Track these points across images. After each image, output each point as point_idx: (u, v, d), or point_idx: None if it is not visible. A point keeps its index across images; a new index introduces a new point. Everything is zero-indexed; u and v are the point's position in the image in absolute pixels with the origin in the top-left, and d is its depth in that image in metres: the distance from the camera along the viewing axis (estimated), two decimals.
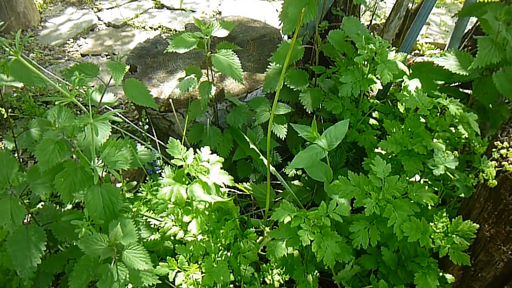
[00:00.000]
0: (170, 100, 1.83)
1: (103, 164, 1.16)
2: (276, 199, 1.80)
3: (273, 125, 1.79)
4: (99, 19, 4.16)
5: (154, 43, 2.23)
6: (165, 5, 4.43)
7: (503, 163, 1.18)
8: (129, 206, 1.34)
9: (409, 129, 1.43)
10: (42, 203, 1.49)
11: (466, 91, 1.84)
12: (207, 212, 1.39)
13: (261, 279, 1.44)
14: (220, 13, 4.29)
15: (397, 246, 1.35)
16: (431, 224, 1.27)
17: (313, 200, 1.77)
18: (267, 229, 1.58)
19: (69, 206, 1.63)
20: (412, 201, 1.27)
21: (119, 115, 1.37)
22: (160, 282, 1.29)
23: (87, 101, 1.14)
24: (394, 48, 1.64)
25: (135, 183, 1.66)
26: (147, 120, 1.75)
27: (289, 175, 1.93)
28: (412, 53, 3.48)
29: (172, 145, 1.36)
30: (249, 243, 1.43)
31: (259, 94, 1.92)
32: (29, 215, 1.27)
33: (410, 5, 2.62)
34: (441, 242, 1.23)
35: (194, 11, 4.32)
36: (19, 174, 1.19)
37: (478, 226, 1.22)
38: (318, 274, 1.40)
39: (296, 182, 1.84)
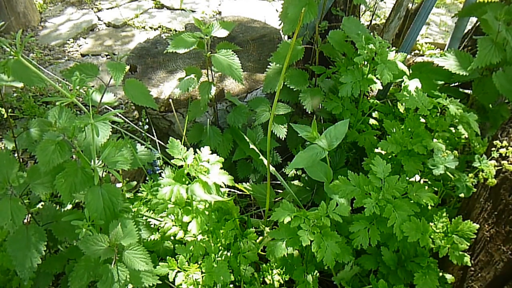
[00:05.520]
0: (170, 100, 1.83)
1: (103, 164, 1.16)
2: (276, 199, 1.80)
3: (273, 125, 1.79)
4: (99, 19, 4.16)
5: (154, 43, 2.23)
6: (165, 5, 4.43)
7: (502, 162, 1.18)
8: (129, 206, 1.35)
9: (409, 129, 1.43)
10: (42, 203, 1.49)
11: (466, 91, 1.84)
12: (207, 212, 1.39)
13: (261, 279, 1.44)
14: (220, 13, 4.29)
15: (397, 246, 1.35)
16: (431, 224, 1.27)
17: (313, 200, 1.77)
18: (267, 229, 1.58)
19: (69, 206, 1.63)
20: (412, 201, 1.27)
21: (119, 115, 1.37)
22: (160, 282, 1.30)
23: (87, 101, 1.14)
24: (394, 48, 1.64)
25: (135, 183, 1.66)
26: (147, 120, 1.75)
27: (289, 175, 1.93)
28: (412, 53, 3.48)
29: (172, 145, 1.36)
30: (249, 243, 1.43)
31: (259, 94, 1.93)
32: (29, 215, 1.27)
33: (410, 5, 2.62)
34: (441, 242, 1.23)
35: (194, 11, 4.32)
36: (19, 174, 1.19)
37: (478, 226, 1.23)
38: (318, 274, 1.40)
39: (296, 182, 1.84)
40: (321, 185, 1.56)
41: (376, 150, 1.60)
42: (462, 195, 1.30)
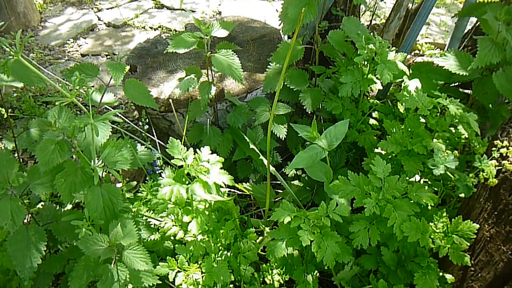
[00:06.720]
0: (170, 100, 1.83)
1: (103, 164, 1.16)
2: (276, 199, 1.80)
3: (273, 125, 1.79)
4: (99, 19, 4.16)
5: (154, 43, 2.23)
6: (165, 5, 4.43)
7: (503, 162, 1.18)
8: (129, 206, 1.35)
9: (409, 129, 1.43)
10: (42, 203, 1.49)
11: (466, 91, 1.84)
12: (207, 212, 1.39)
13: (261, 279, 1.44)
14: (220, 13, 4.29)
15: (397, 246, 1.35)
16: (431, 224, 1.27)
17: (313, 200, 1.77)
18: (267, 229, 1.58)
19: (69, 206, 1.63)
20: (412, 201, 1.27)
21: (119, 115, 1.37)
22: (160, 282, 1.30)
23: (87, 101, 1.14)
24: (394, 48, 1.64)
25: (135, 183, 1.66)
26: (147, 120, 1.75)
27: (289, 175, 1.93)
28: (412, 53, 3.48)
29: (172, 145, 1.36)
30: (249, 243, 1.43)
31: (259, 94, 1.93)
32: (29, 215, 1.27)
33: (410, 5, 2.62)
34: (441, 242, 1.23)
35: (194, 11, 4.32)
36: (19, 174, 1.19)
37: (478, 226, 1.23)
38: (318, 274, 1.40)
39: (296, 182, 1.84)
40: (321, 185, 1.56)
41: (376, 150, 1.60)
42: (462, 195, 1.30)
